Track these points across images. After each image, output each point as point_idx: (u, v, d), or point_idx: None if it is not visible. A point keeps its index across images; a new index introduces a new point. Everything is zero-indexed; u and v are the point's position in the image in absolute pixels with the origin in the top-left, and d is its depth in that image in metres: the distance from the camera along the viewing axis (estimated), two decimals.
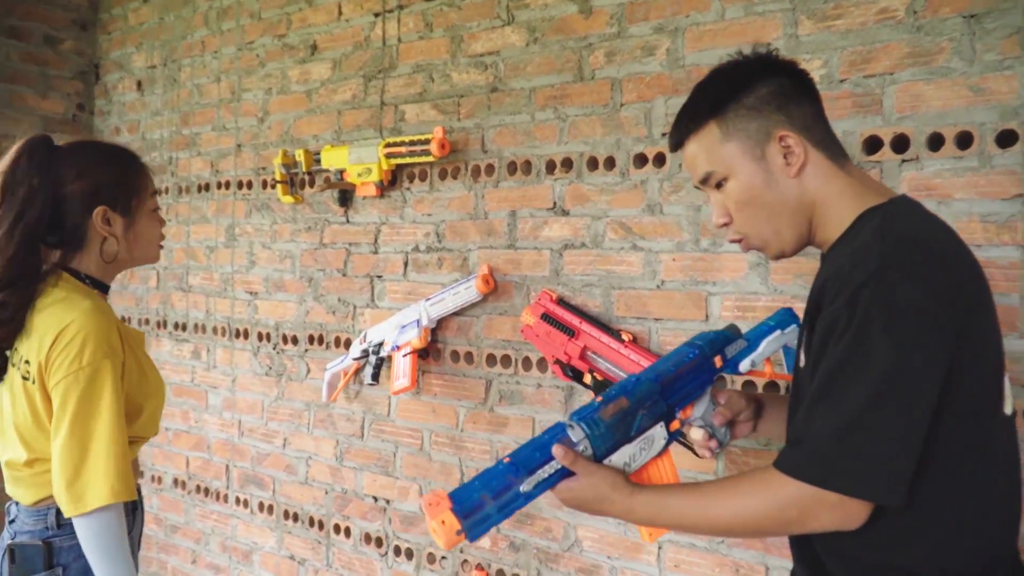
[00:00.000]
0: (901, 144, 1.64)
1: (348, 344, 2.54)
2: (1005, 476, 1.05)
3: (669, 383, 1.20)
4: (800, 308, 1.31)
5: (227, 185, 2.91)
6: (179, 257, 3.09)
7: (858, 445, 0.94)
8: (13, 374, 1.47)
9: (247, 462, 2.84)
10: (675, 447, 1.84)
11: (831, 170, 1.13)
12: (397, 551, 2.43)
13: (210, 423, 2.97)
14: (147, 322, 3.22)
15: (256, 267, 2.81)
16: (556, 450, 1.06)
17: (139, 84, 3.25)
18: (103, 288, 1.55)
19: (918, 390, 0.95)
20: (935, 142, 1.61)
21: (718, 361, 1.28)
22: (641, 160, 1.97)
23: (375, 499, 2.49)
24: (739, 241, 1.20)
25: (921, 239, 1.01)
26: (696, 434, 1.28)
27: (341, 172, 2.46)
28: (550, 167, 2.11)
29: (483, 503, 1.00)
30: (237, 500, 2.88)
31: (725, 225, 1.19)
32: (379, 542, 2.48)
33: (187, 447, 3.05)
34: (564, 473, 1.08)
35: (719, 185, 1.17)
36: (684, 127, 1.20)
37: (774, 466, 1.00)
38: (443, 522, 0.98)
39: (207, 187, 2.99)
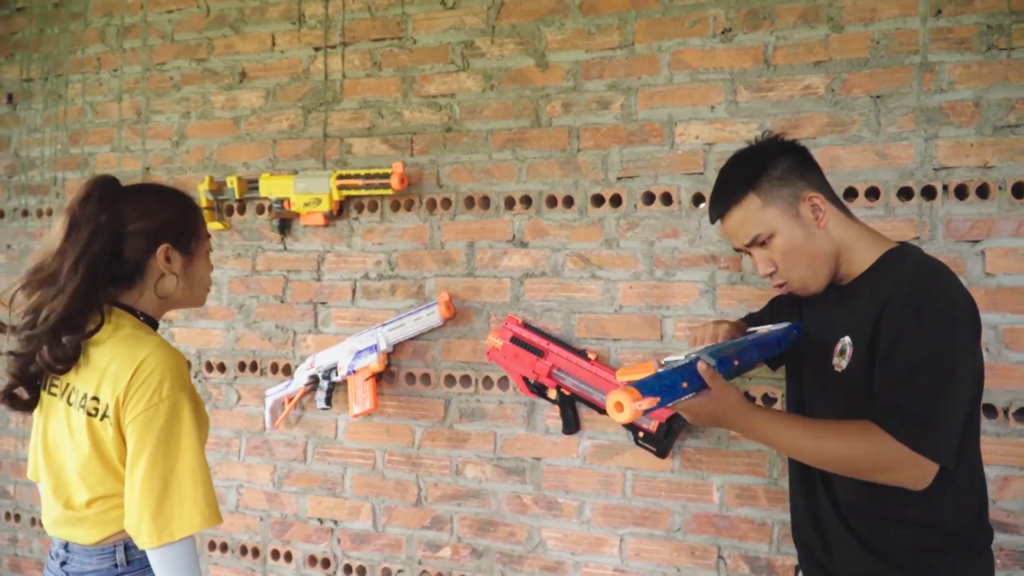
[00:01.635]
0: None
1: (287, 370, 2.58)
2: (980, 452, 1.45)
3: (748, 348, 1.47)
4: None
5: None
6: None
7: (941, 422, 1.28)
8: (70, 412, 1.45)
9: None
10: (635, 449, 2.14)
11: (845, 220, 1.48)
12: (348, 569, 2.51)
13: None
14: None
15: None
16: (701, 366, 1.30)
17: (10, 97, 3.02)
18: (154, 325, 1.57)
19: (966, 383, 1.31)
20: (850, 194, 2.02)
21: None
22: (598, 200, 2.24)
23: (320, 521, 2.54)
24: (781, 285, 1.51)
25: (948, 272, 1.38)
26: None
27: (282, 201, 2.50)
28: (509, 203, 2.33)
29: (655, 388, 1.21)
30: None
31: (771, 274, 1.50)
32: (326, 563, 2.54)
33: None
34: (702, 388, 1.31)
35: (763, 244, 1.47)
36: (725, 202, 1.51)
37: (879, 425, 1.29)
38: (630, 392, 1.16)
39: None
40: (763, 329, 1.57)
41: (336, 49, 2.53)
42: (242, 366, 2.64)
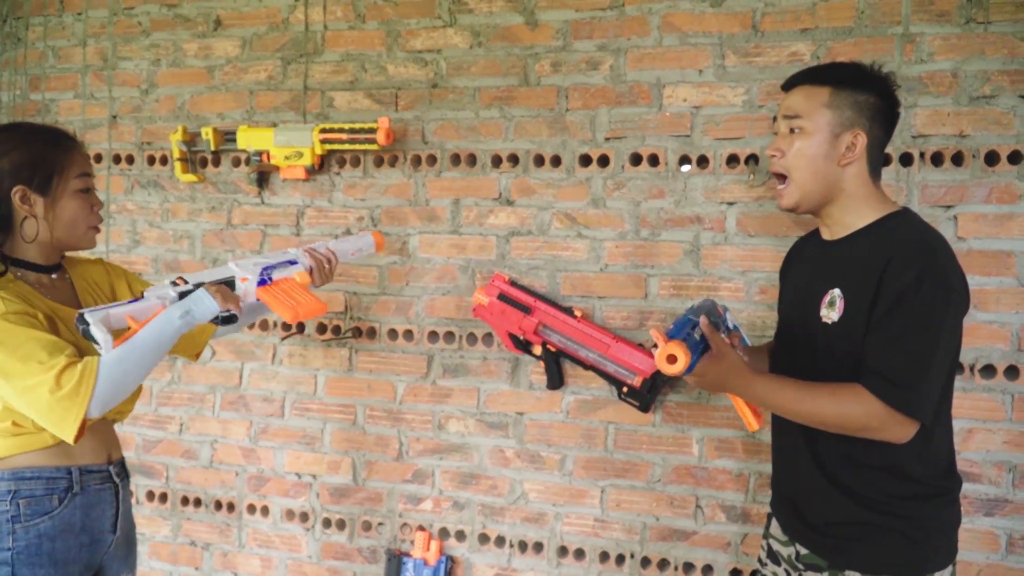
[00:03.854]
0: None
1: (264, 325, 2.56)
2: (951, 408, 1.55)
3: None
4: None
5: (98, 158, 2.72)
6: None
7: (924, 386, 1.37)
8: None
9: (129, 451, 2.71)
10: (617, 404, 2.21)
11: (866, 178, 1.52)
12: (327, 523, 2.53)
13: None
14: None
15: (141, 247, 2.68)
16: (703, 320, 1.39)
17: None
18: (38, 268, 1.60)
19: (950, 348, 1.40)
20: None
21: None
22: (586, 160, 2.27)
23: (298, 476, 2.55)
24: (777, 175, 1.57)
25: (944, 240, 1.45)
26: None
27: (261, 154, 2.46)
28: (496, 161, 2.34)
29: (684, 336, 1.30)
30: None
31: (775, 158, 1.56)
32: (304, 517, 2.55)
33: None
34: (705, 347, 1.38)
35: (794, 130, 1.52)
36: (806, 77, 1.54)
37: (868, 389, 1.38)
38: (678, 345, 1.25)
39: None
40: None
41: None
42: (215, 320, 2.60)
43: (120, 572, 1.73)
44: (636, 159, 2.23)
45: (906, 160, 2.05)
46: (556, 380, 2.28)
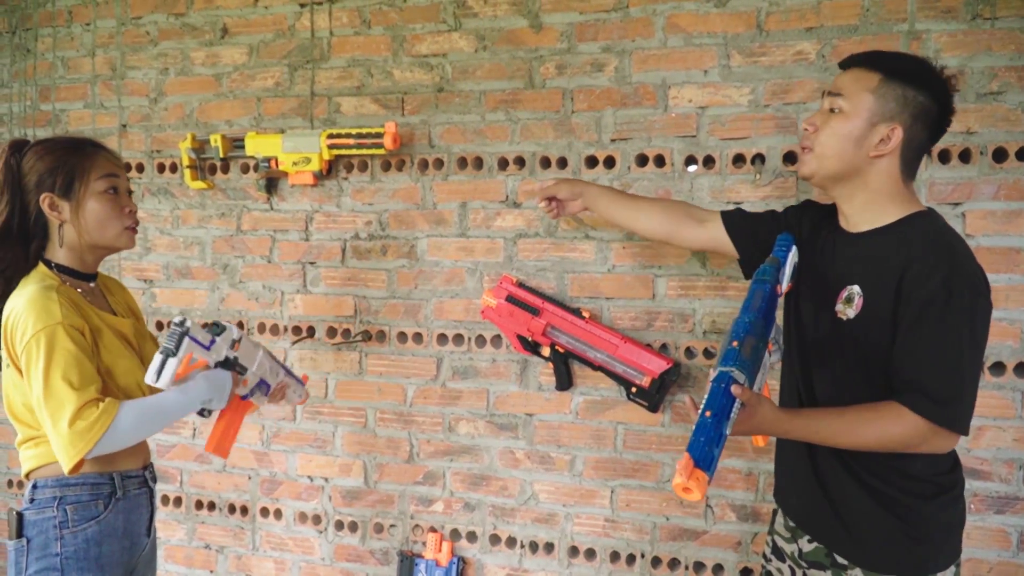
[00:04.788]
0: None
1: (275, 330, 2.58)
2: None
3: (764, 315, 1.47)
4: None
5: None
6: None
7: (965, 398, 1.38)
8: None
9: None
10: (626, 404, 2.20)
11: (896, 176, 1.49)
12: (339, 525, 2.54)
13: None
14: None
15: (152, 254, 2.70)
16: (735, 390, 1.32)
17: None
18: (78, 275, 1.67)
19: (982, 350, 1.41)
20: None
21: (779, 288, 1.56)
22: (592, 161, 2.28)
23: (310, 479, 2.57)
24: (804, 149, 1.55)
25: (965, 243, 1.45)
26: (775, 355, 1.58)
27: (269, 160, 2.48)
28: (502, 164, 2.35)
29: (712, 453, 1.23)
30: None
31: (808, 132, 1.53)
32: (316, 519, 2.57)
33: None
34: (736, 406, 1.33)
35: (834, 110, 1.50)
36: (863, 60, 1.50)
37: (906, 407, 1.37)
38: (697, 479, 1.18)
39: None
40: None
41: (323, 6, 2.49)
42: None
43: (146, 574, 1.77)
44: (642, 160, 2.23)
45: None
46: (565, 381, 2.28)
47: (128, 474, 1.68)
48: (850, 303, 1.49)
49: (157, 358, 1.48)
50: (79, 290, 1.66)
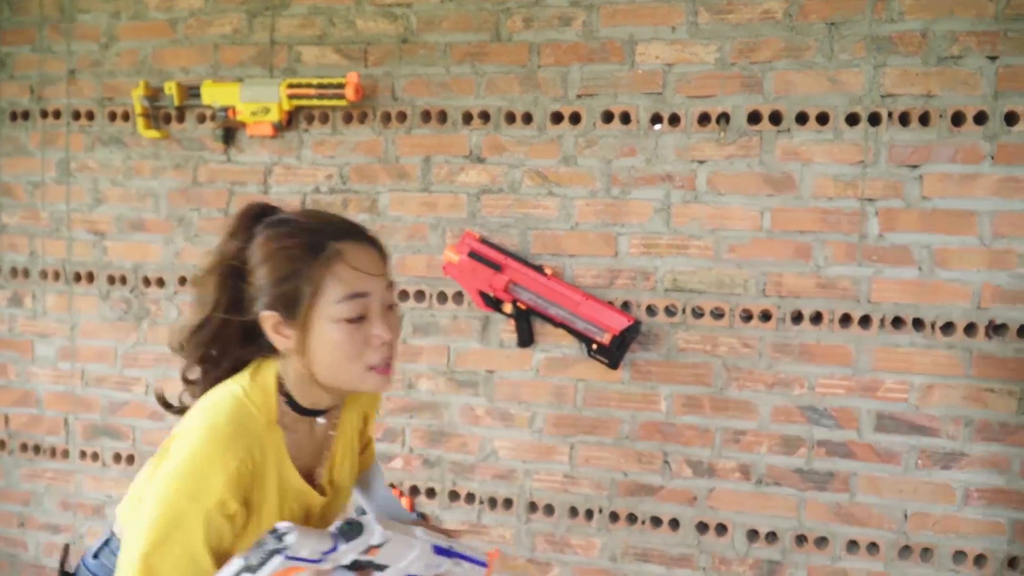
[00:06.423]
0: (776, 118, 2.12)
1: None
2: None
3: None
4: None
5: (56, 114, 2.65)
6: None
7: None
8: None
9: (94, 413, 2.68)
10: (587, 361, 2.21)
11: None
12: None
13: (39, 376, 2.73)
14: None
15: (103, 205, 2.62)
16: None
17: None
18: (301, 410, 1.19)
19: None
20: (801, 118, 2.11)
21: None
22: (557, 117, 2.26)
23: None
24: None
25: None
26: None
27: (226, 109, 2.41)
28: (467, 118, 2.32)
29: None
30: (82, 454, 2.70)
31: None
32: None
33: (6, 403, 2.77)
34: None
35: None
36: None
37: None
38: None
39: (25, 115, 2.69)
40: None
41: None
42: (183, 281, 2.57)
43: None
44: (608, 117, 2.22)
45: (874, 119, 2.06)
46: (526, 338, 2.28)
47: None
48: None
49: (233, 569, 0.95)
50: (296, 432, 1.19)
